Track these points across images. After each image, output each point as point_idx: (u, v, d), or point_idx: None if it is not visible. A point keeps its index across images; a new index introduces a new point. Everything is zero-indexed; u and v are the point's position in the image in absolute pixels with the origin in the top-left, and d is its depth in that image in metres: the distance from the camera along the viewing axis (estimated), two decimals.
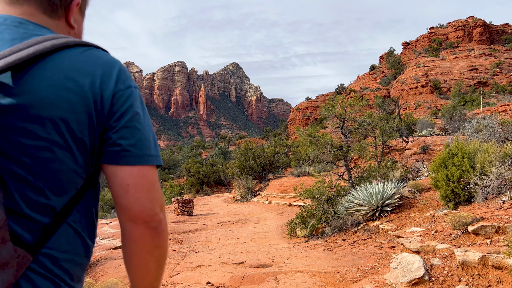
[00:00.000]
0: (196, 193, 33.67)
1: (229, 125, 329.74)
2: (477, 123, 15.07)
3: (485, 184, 6.36)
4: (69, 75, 0.84)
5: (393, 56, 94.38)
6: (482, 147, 7.04)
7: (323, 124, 62.73)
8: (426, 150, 17.74)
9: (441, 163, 7.10)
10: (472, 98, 52.03)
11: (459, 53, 76.86)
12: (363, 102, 11.14)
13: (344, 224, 8.69)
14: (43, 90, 0.81)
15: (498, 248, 4.23)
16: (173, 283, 5.86)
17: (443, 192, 6.98)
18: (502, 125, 11.11)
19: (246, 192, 20.11)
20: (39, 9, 0.94)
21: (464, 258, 4.22)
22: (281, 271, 5.52)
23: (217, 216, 15.16)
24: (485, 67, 68.50)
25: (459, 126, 21.51)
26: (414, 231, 5.98)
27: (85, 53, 0.89)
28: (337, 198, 9.89)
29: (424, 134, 22.11)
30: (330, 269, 5.36)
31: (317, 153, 10.80)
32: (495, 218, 5.07)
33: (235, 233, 11.04)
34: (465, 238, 4.99)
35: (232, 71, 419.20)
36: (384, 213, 8.39)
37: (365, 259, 5.85)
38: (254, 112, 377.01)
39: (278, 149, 24.17)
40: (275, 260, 6.33)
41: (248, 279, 5.42)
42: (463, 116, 26.63)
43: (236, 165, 23.00)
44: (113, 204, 5.64)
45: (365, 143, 11.12)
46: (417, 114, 53.40)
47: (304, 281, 4.96)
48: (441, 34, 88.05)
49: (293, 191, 14.08)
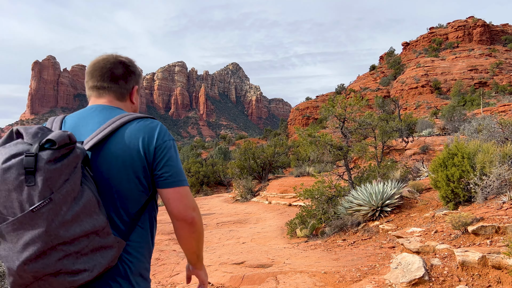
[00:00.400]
0: (196, 193, 33.67)
1: (229, 125, 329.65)
2: (477, 123, 15.07)
3: (485, 184, 6.36)
4: (130, 139, 1.45)
5: (393, 56, 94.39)
6: (482, 147, 7.03)
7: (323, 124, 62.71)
8: (426, 150, 17.74)
9: (441, 163, 7.10)
10: (472, 98, 52.02)
11: (459, 53, 76.87)
12: (363, 102, 11.14)
13: (344, 224, 8.68)
14: (117, 149, 1.43)
15: (498, 248, 4.22)
16: (173, 283, 5.85)
17: (443, 192, 6.97)
18: (502, 125, 11.10)
19: (246, 192, 20.10)
20: (115, 97, 1.62)
21: (464, 258, 4.22)
22: (281, 271, 5.52)
23: (217, 216, 15.15)
24: (485, 67, 68.51)
25: (459, 126, 21.51)
26: (414, 231, 5.97)
27: (138, 123, 1.49)
28: (337, 198, 9.88)
29: (424, 134, 22.11)
30: (330, 269, 5.36)
31: (317, 153, 10.80)
32: (495, 218, 5.07)
33: (235, 233, 11.03)
34: (465, 238, 4.98)
35: (232, 71, 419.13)
36: (384, 213, 8.39)
37: (365, 259, 5.84)
38: (254, 112, 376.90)
39: (278, 149, 24.16)
40: (275, 260, 6.32)
41: (248, 279, 5.42)
42: (463, 116, 26.62)
43: (236, 165, 23.00)
44: None
45: (365, 143, 11.11)
46: (417, 114, 53.40)
47: (304, 281, 4.96)
48: (441, 34, 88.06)
49: (293, 191, 14.08)
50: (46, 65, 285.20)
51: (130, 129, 1.46)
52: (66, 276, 1.23)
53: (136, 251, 1.47)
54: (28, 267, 1.19)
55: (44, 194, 1.18)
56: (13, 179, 1.17)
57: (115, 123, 1.45)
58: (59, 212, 1.20)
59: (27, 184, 1.17)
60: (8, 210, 1.19)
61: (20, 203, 1.18)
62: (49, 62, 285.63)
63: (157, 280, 6.18)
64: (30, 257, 1.18)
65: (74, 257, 1.24)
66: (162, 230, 12.32)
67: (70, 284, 1.25)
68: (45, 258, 1.20)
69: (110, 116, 1.50)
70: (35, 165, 1.17)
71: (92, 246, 1.27)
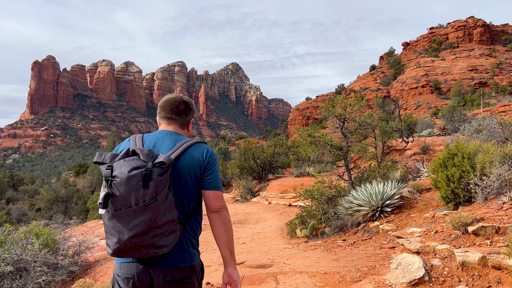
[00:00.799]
0: None
1: (228, 125, 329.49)
2: (477, 123, 15.06)
3: (485, 185, 6.36)
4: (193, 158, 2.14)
5: (393, 56, 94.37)
6: (482, 148, 7.03)
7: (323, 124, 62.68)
8: (426, 150, 17.73)
9: (441, 163, 7.09)
10: (472, 99, 52.02)
11: (459, 53, 76.86)
12: (363, 102, 11.13)
13: (344, 224, 8.67)
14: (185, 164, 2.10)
15: (498, 249, 4.22)
16: None
17: (443, 193, 6.96)
18: (502, 126, 11.10)
19: (246, 192, 20.09)
20: (178, 126, 2.33)
21: (464, 258, 4.21)
22: (281, 271, 5.51)
23: None
24: (485, 67, 68.49)
25: (459, 126, 21.51)
26: (414, 231, 5.97)
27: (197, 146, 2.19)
28: (337, 199, 9.87)
29: (424, 135, 22.11)
30: (330, 270, 5.35)
31: (317, 153, 10.79)
32: (495, 218, 5.06)
33: (235, 233, 11.03)
34: (465, 239, 4.98)
35: (232, 71, 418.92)
36: (384, 213, 8.38)
37: (365, 259, 5.84)
38: (254, 112, 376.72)
39: (278, 149, 24.13)
40: (275, 260, 6.31)
41: (248, 280, 5.41)
42: (463, 117, 26.63)
43: (236, 165, 22.98)
44: None
45: (365, 144, 11.11)
46: (417, 114, 53.38)
47: (304, 281, 4.95)
48: (441, 34, 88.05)
49: (293, 191, 14.07)
50: (46, 65, 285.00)
51: (193, 150, 2.17)
52: (153, 248, 1.92)
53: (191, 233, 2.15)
54: (133, 240, 1.87)
55: (152, 195, 1.87)
56: (135, 183, 1.85)
57: (183, 146, 2.15)
58: (159, 207, 1.89)
59: (144, 188, 1.85)
60: (126, 203, 1.85)
61: (136, 199, 1.85)
62: (48, 62, 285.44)
63: None
64: (136, 234, 1.86)
65: (160, 236, 1.92)
66: None
67: (154, 254, 1.93)
68: (145, 235, 1.88)
69: (177, 140, 2.22)
70: (150, 176, 1.86)
71: (170, 230, 1.96)
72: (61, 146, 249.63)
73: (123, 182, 1.84)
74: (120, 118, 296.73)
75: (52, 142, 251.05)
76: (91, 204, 30.57)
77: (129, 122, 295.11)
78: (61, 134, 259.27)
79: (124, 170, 1.86)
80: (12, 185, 52.46)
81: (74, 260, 7.66)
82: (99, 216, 27.59)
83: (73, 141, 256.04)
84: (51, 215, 36.96)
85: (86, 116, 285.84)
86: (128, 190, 1.83)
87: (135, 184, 1.83)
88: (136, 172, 1.85)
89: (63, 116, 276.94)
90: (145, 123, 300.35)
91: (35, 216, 36.95)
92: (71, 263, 7.45)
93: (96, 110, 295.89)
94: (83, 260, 7.89)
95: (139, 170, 1.86)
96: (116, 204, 1.86)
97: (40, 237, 7.18)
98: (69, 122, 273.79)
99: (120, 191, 1.84)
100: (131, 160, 1.90)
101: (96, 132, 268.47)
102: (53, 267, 7.05)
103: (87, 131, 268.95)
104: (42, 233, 7.28)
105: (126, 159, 1.91)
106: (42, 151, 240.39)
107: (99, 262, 7.96)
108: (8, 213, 36.79)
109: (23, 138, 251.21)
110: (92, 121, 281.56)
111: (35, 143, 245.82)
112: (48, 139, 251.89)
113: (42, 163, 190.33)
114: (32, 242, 7.02)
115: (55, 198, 38.66)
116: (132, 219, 1.84)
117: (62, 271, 7.04)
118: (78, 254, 7.89)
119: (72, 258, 7.68)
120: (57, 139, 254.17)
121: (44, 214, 37.63)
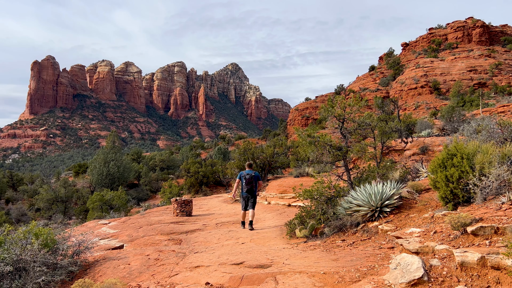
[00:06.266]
0: (195, 193, 33.64)
1: (228, 125, 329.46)
2: (476, 123, 15.07)
3: (484, 185, 6.36)
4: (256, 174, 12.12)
5: (392, 56, 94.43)
6: (481, 148, 7.04)
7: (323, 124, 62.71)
8: (425, 150, 17.75)
9: (440, 163, 7.10)
10: (471, 99, 52.10)
11: (458, 54, 76.94)
12: (362, 103, 11.13)
13: (343, 224, 8.68)
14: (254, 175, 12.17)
15: (497, 249, 4.23)
16: (172, 283, 5.84)
17: (442, 193, 6.97)
18: (501, 126, 11.12)
19: None
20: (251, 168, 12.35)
21: (463, 258, 4.22)
22: (280, 271, 5.52)
23: (216, 216, 15.15)
24: (484, 68, 68.57)
25: (458, 126, 21.53)
26: (413, 231, 5.98)
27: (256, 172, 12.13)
28: (336, 199, 9.88)
29: (423, 135, 22.13)
30: (329, 270, 5.36)
31: (316, 153, 10.80)
32: (494, 219, 5.07)
33: (234, 233, 11.04)
34: (464, 239, 4.99)
35: (232, 72, 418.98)
36: (383, 213, 8.38)
37: (364, 259, 5.84)
38: (253, 113, 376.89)
39: (277, 149, 24.15)
40: (274, 260, 6.32)
41: (247, 280, 5.41)
42: (462, 117, 26.66)
43: (235, 165, 22.99)
44: (111, 204, 25.23)
45: (364, 144, 11.12)
46: (416, 114, 53.45)
47: (303, 281, 4.95)
48: (441, 35, 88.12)
49: (292, 191, 14.06)
50: (46, 65, 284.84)
51: (255, 174, 11.89)
52: (254, 191, 11.88)
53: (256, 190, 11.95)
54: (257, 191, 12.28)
55: (253, 184, 11.79)
56: (250, 177, 11.71)
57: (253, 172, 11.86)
58: (255, 185, 11.83)
59: (255, 180, 11.80)
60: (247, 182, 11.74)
61: (251, 182, 11.72)
62: (48, 62, 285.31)
63: (156, 281, 6.17)
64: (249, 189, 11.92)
65: (256, 189, 11.94)
66: (162, 231, 12.32)
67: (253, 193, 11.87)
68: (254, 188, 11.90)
69: (252, 172, 11.86)
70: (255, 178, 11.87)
71: (257, 188, 11.94)
72: (61, 146, 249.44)
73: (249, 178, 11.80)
74: (119, 118, 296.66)
75: (52, 142, 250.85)
76: (91, 204, 30.51)
77: (129, 122, 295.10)
78: (61, 134, 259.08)
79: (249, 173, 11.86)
80: (11, 185, 52.46)
81: (74, 260, 7.66)
82: (98, 216, 27.55)
83: (72, 141, 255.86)
84: (50, 215, 36.96)
85: (86, 116, 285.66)
86: (249, 179, 11.68)
87: (250, 178, 11.72)
88: (253, 175, 11.79)
89: (63, 116, 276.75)
90: (145, 123, 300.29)
91: (34, 216, 36.94)
92: (70, 263, 7.45)
93: (95, 110, 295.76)
94: (82, 260, 7.89)
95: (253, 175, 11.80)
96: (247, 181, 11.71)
97: (40, 237, 7.18)
98: (68, 122, 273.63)
99: (247, 179, 11.68)
100: (251, 171, 11.85)
101: (96, 132, 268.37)
102: (53, 267, 7.04)
103: (86, 131, 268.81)
104: (42, 233, 7.28)
105: (249, 171, 11.89)
106: (42, 151, 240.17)
107: (98, 262, 7.96)
108: (8, 213, 36.78)
109: (23, 138, 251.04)
110: (92, 121, 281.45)
111: (35, 143, 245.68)
112: (48, 139, 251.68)
113: (41, 163, 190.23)
114: (32, 242, 7.01)
115: (55, 198, 38.66)
116: (247, 185, 11.70)
117: (61, 271, 7.04)
118: (78, 254, 7.89)
119: (72, 258, 7.68)
120: (56, 139, 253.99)
121: (43, 214, 37.63)
